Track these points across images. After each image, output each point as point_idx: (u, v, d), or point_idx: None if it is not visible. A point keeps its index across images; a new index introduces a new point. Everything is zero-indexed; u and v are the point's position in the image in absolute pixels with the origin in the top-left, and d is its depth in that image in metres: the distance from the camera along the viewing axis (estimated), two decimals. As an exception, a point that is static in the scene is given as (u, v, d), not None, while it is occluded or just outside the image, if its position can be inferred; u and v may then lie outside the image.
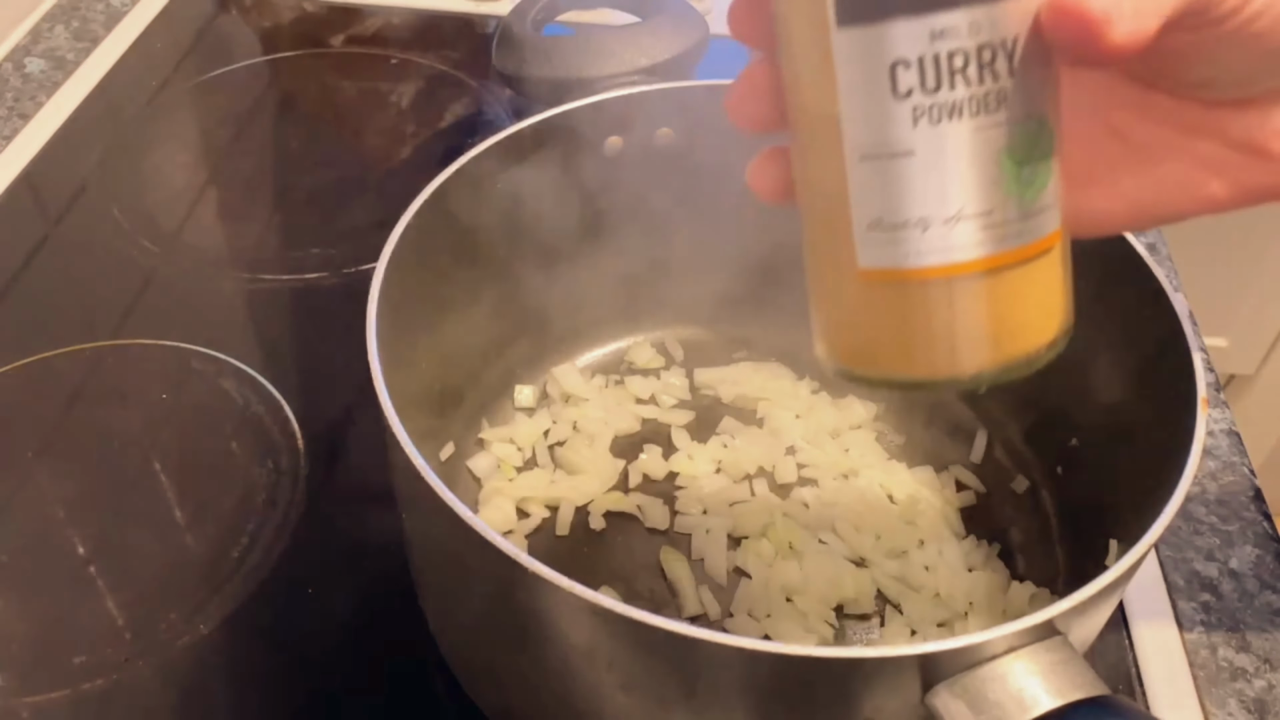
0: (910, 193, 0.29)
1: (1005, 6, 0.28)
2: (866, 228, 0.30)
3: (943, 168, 0.29)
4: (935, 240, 0.29)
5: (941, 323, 0.30)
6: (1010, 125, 0.29)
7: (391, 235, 0.45)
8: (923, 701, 0.34)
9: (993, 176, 0.29)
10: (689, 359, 0.61)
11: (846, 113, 0.29)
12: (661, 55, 0.66)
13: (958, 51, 0.28)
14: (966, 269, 0.29)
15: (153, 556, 0.53)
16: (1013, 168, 0.29)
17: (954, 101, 0.28)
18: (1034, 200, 0.30)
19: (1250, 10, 0.27)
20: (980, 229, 0.29)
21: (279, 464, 0.57)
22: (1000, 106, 0.28)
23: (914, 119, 0.28)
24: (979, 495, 0.55)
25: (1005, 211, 0.29)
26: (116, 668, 0.49)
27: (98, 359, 0.62)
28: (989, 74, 0.28)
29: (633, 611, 0.33)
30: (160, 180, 0.75)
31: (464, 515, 0.35)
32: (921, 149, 0.28)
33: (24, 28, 0.87)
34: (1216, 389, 0.63)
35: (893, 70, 0.28)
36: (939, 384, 0.32)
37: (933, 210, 0.29)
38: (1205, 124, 0.32)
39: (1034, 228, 0.30)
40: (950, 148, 0.28)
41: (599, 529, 0.54)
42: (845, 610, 0.51)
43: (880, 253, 0.30)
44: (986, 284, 0.30)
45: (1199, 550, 0.55)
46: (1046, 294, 0.31)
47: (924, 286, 0.30)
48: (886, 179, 0.29)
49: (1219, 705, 0.49)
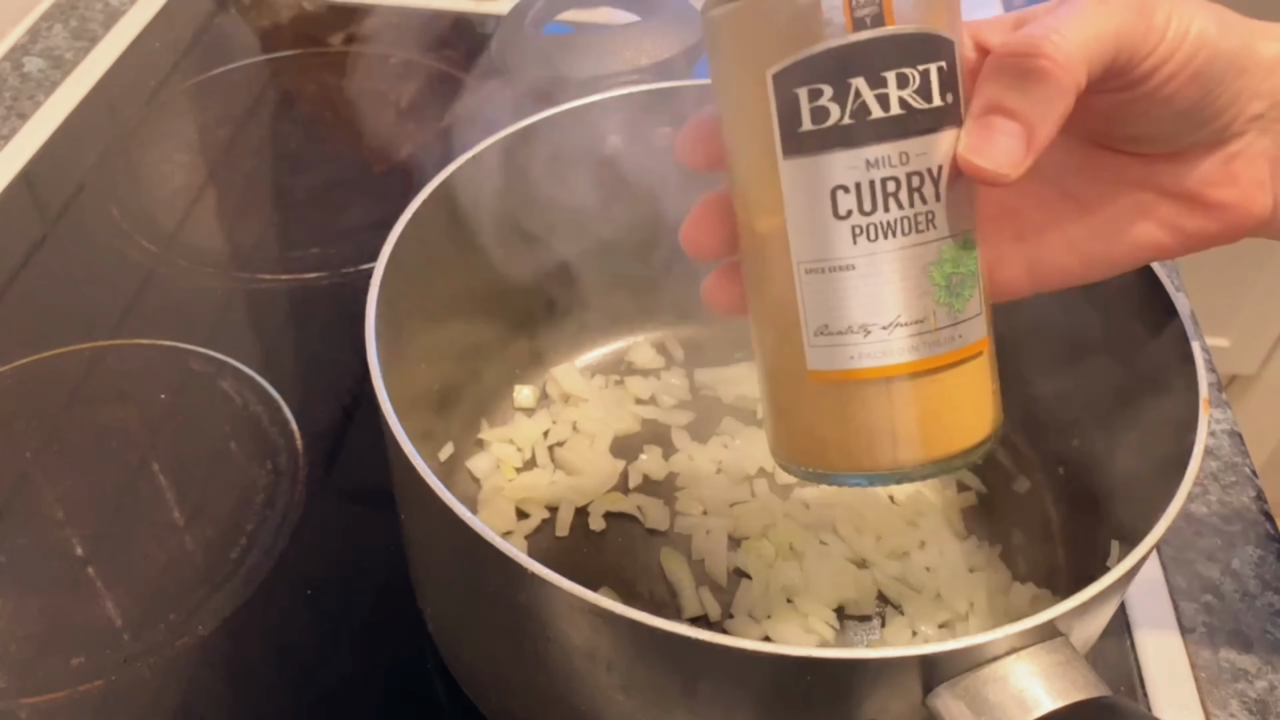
0: (851, 302, 0.32)
1: (930, 139, 0.31)
2: (814, 333, 0.33)
3: (879, 280, 0.32)
4: (875, 345, 0.32)
5: (882, 420, 0.33)
6: (939, 242, 0.32)
7: (391, 235, 0.45)
8: (924, 703, 0.34)
9: (924, 288, 0.32)
10: (689, 359, 0.61)
11: (793, 231, 0.32)
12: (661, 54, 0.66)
13: (890, 178, 0.31)
14: (903, 370, 0.32)
15: (152, 557, 0.53)
16: (942, 280, 0.32)
17: (888, 221, 0.31)
18: (961, 309, 0.33)
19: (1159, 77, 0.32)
20: (915, 334, 0.32)
21: (278, 464, 0.57)
22: (929, 225, 0.32)
23: (853, 237, 0.31)
24: (980, 496, 0.55)
25: (937, 319, 0.32)
26: (115, 668, 0.49)
27: (97, 359, 0.62)
28: (919, 197, 0.31)
29: (633, 612, 0.33)
30: (159, 180, 0.75)
31: (464, 515, 0.35)
32: (860, 263, 0.32)
33: (22, 27, 0.87)
34: (1218, 389, 0.63)
35: (833, 195, 0.31)
36: (882, 477, 0.34)
37: (872, 318, 0.32)
38: (1144, 178, 0.35)
39: (963, 333, 0.33)
40: (886, 262, 0.32)
41: (599, 529, 0.54)
42: (846, 611, 0.51)
43: (826, 355, 0.33)
44: (922, 385, 0.33)
45: (1201, 551, 0.55)
46: (978, 395, 0.34)
47: (866, 387, 0.33)
48: (830, 290, 0.32)
49: (1220, 706, 0.49)
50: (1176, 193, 0.35)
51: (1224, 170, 0.34)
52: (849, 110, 0.31)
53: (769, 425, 0.36)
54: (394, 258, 0.45)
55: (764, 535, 0.53)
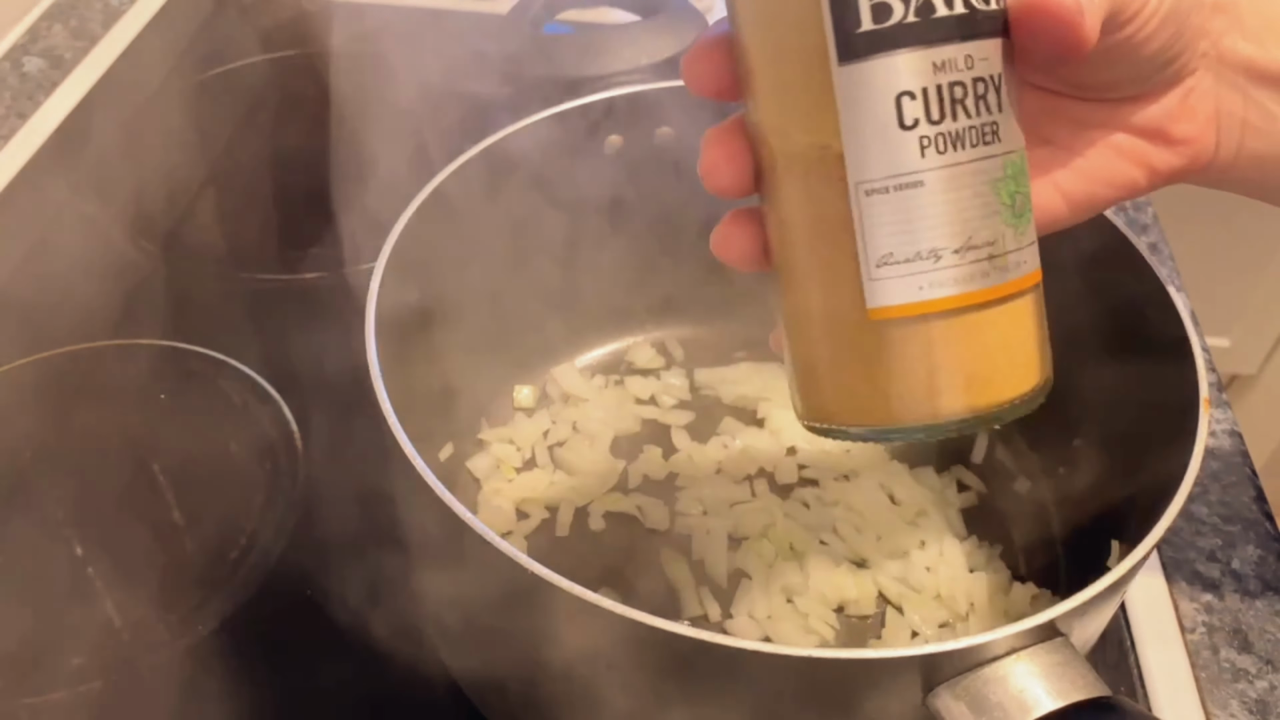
0: (920, 224, 0.29)
1: (991, 44, 0.30)
2: (876, 265, 0.30)
3: (949, 197, 0.29)
4: (947, 272, 0.30)
5: (955, 357, 0.30)
6: (1004, 156, 0.30)
7: (391, 235, 0.45)
8: (924, 703, 0.34)
9: (993, 207, 0.30)
10: (689, 359, 0.61)
11: (850, 148, 0.29)
12: (662, 53, 0.66)
13: (957, 83, 0.29)
14: (979, 298, 0.30)
15: (151, 557, 0.53)
16: (1008, 198, 0.30)
17: (957, 131, 0.29)
18: (1025, 232, 0.31)
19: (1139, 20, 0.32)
20: (987, 258, 0.30)
21: (278, 464, 0.57)
22: (995, 138, 0.30)
23: (921, 149, 0.29)
24: (980, 496, 0.55)
25: (1005, 243, 0.30)
26: (115, 669, 0.49)
27: (96, 359, 0.62)
28: (984, 106, 0.29)
29: (633, 612, 0.33)
30: (159, 179, 0.75)
31: (464, 516, 0.35)
32: (930, 179, 0.29)
33: (22, 26, 0.86)
34: (1218, 389, 0.63)
35: (898, 102, 0.29)
36: (945, 426, 0.31)
37: (943, 241, 0.29)
38: (1114, 119, 0.36)
39: (1028, 259, 0.31)
40: (956, 177, 0.29)
41: (599, 529, 0.54)
42: (846, 611, 0.51)
43: (891, 289, 0.30)
44: (996, 315, 0.30)
45: (1201, 551, 0.55)
46: (1041, 328, 0.32)
47: (936, 321, 0.30)
48: (896, 211, 0.29)
49: (1221, 706, 0.49)
50: (1144, 130, 0.36)
51: (1183, 106, 0.35)
52: (913, 6, 0.28)
53: (804, 386, 0.33)
54: (394, 258, 0.45)
55: (764, 535, 0.53)
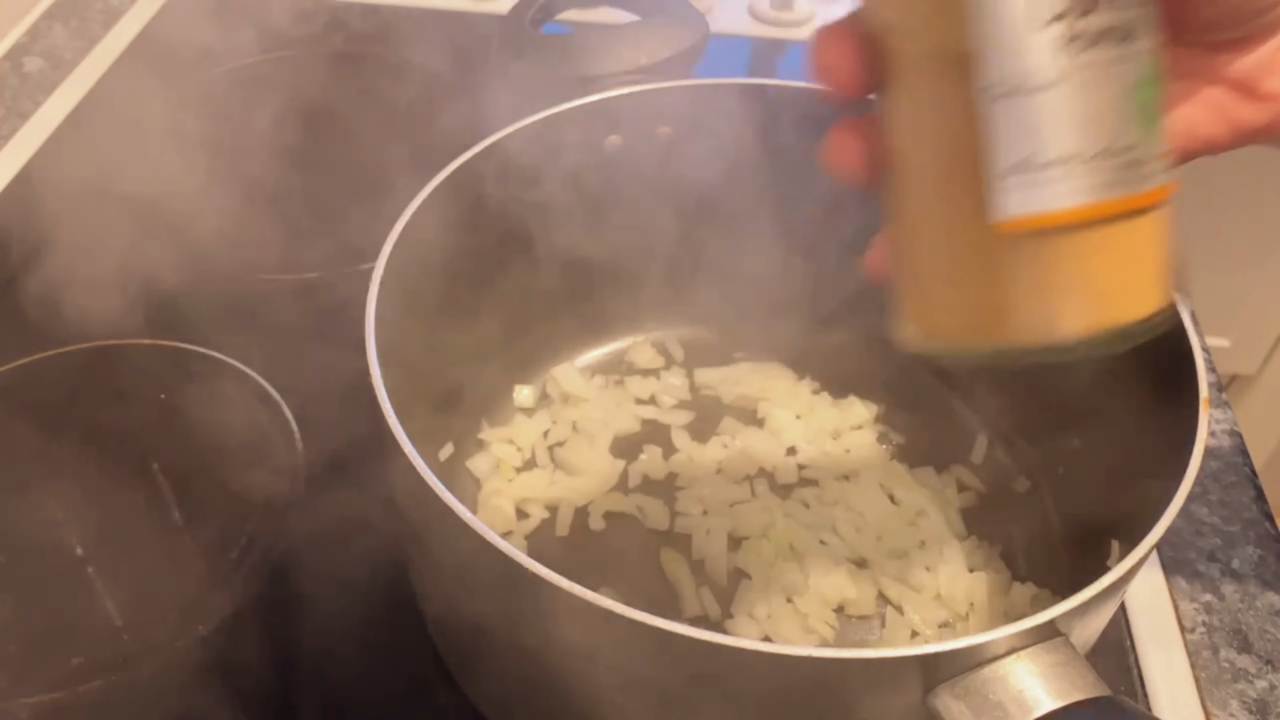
0: (1056, 128, 0.27)
1: None
2: (1004, 173, 0.28)
3: (1088, 100, 0.27)
4: (1082, 180, 0.28)
5: (1087, 272, 0.29)
6: (1142, 59, 0.28)
7: (391, 235, 0.45)
8: (924, 702, 0.34)
9: (1129, 112, 0.28)
10: (689, 359, 0.61)
11: (986, 46, 0.28)
12: (661, 54, 0.66)
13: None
14: (1115, 209, 0.28)
15: (151, 557, 0.53)
16: (1146, 103, 0.28)
17: (1100, 27, 0.27)
18: (1160, 140, 0.29)
19: None
20: (1125, 166, 0.28)
21: (278, 464, 0.57)
22: (1133, 38, 0.28)
23: (1057, 49, 0.27)
24: (980, 496, 0.55)
25: (1141, 150, 0.28)
26: (114, 669, 0.49)
27: (96, 359, 0.62)
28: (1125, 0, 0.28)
29: (633, 612, 0.33)
30: (159, 179, 0.75)
31: (464, 516, 0.35)
32: (1066, 80, 0.27)
33: (22, 26, 0.87)
34: (1218, 389, 0.63)
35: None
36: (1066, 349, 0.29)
37: (1079, 146, 0.27)
38: (1208, 68, 0.34)
39: (1162, 170, 0.29)
40: (1095, 78, 0.27)
41: (599, 529, 0.54)
42: (846, 611, 0.51)
43: (1021, 198, 0.28)
44: (1132, 228, 0.29)
45: (1201, 551, 0.55)
46: (1173, 245, 0.30)
47: (1068, 233, 0.28)
48: (1030, 115, 0.28)
49: (1221, 706, 0.49)
50: (1235, 81, 0.34)
51: (1276, 59, 0.34)
52: None
53: (916, 306, 0.32)
54: (394, 258, 0.45)
55: (764, 535, 0.53)
